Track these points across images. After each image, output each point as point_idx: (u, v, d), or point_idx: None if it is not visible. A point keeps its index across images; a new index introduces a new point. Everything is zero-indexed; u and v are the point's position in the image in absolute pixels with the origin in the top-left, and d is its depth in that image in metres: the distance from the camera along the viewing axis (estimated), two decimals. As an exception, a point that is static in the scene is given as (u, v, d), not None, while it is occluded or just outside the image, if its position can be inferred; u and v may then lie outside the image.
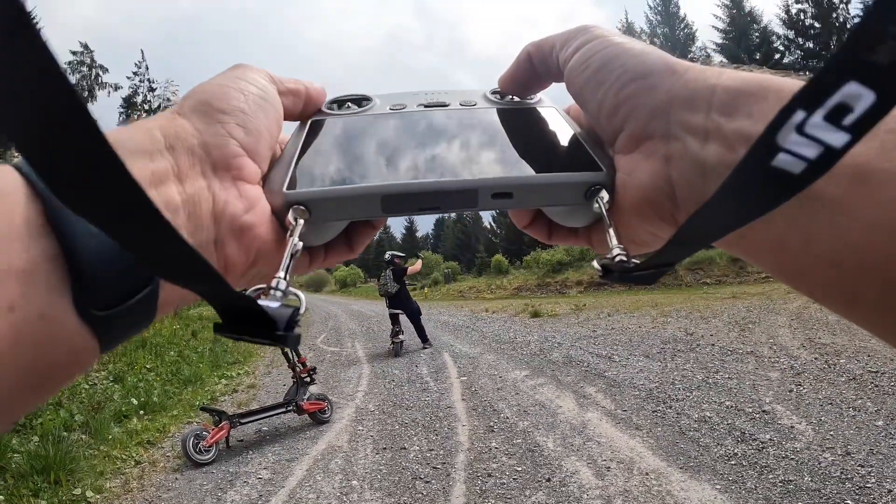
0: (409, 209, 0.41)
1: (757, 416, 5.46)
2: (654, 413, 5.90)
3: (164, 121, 0.38)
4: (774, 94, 0.32)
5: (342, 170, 0.43)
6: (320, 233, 0.45)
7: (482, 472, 4.81)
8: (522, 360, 9.47)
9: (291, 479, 5.07)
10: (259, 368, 10.82)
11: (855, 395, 5.78)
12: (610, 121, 0.41)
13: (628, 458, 4.80)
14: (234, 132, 0.40)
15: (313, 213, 0.41)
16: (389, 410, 7.00)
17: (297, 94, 0.48)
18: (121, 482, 5.36)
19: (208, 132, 0.39)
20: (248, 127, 0.41)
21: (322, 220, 0.42)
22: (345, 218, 0.44)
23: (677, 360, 8.14)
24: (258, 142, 0.42)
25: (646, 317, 12.69)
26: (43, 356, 0.28)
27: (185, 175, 0.37)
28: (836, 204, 0.28)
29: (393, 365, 10.09)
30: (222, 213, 0.38)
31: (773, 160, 0.25)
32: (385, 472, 5.03)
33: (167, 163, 0.36)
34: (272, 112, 0.44)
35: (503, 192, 0.41)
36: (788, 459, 4.46)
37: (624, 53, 0.41)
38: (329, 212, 0.41)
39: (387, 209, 0.41)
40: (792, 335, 8.89)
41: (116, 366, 9.65)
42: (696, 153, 0.35)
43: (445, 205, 0.41)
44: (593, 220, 0.46)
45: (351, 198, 0.41)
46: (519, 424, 5.95)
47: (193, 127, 0.39)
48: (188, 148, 0.38)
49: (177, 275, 0.30)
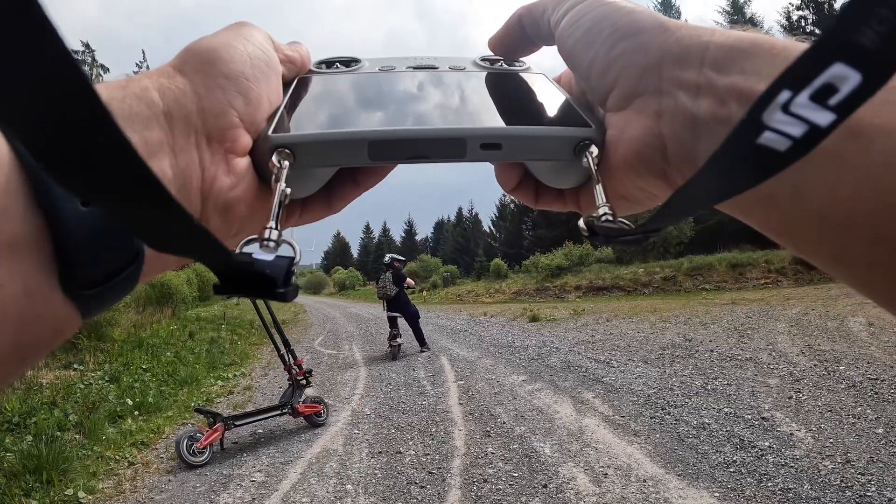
0: (397, 157, 0.41)
1: (756, 423, 5.43)
2: (652, 419, 5.87)
3: (164, 78, 0.37)
4: (766, 52, 0.32)
5: (329, 117, 0.43)
6: (302, 184, 0.43)
7: (478, 478, 4.77)
8: (520, 364, 9.45)
9: (285, 482, 5.04)
10: (256, 370, 10.78)
11: (854, 402, 5.76)
12: (601, 80, 0.41)
13: (626, 464, 4.77)
14: (235, 101, 0.39)
15: (298, 157, 0.39)
16: (386, 414, 6.97)
17: (293, 62, 0.48)
18: (113, 483, 5.32)
19: (209, 98, 0.38)
20: (250, 96, 0.40)
21: (307, 165, 0.40)
22: (331, 164, 0.43)
23: (676, 366, 8.12)
24: (257, 112, 0.40)
25: (644, 322, 12.69)
26: (27, 332, 0.28)
27: (180, 147, 0.36)
28: (826, 158, 0.28)
29: (390, 368, 10.06)
30: (210, 189, 0.37)
31: (759, 138, 0.25)
32: (380, 476, 5.00)
33: (163, 133, 0.35)
34: (273, 80, 0.43)
35: (492, 142, 0.41)
36: (788, 467, 4.43)
37: (615, 12, 0.41)
38: (314, 157, 0.40)
39: (374, 156, 0.41)
40: (791, 341, 8.88)
41: (112, 366, 9.62)
42: (688, 108, 0.35)
43: (433, 154, 0.41)
44: (582, 181, 0.45)
45: (338, 142, 0.40)
46: (516, 429, 5.92)
47: (193, 90, 0.37)
48: (185, 115, 0.36)
49: (177, 246, 0.30)
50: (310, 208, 0.47)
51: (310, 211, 0.47)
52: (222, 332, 15.59)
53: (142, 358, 10.49)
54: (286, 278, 0.32)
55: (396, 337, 11.21)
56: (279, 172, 0.38)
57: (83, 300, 0.30)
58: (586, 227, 0.38)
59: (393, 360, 10.84)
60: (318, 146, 0.40)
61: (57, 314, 0.29)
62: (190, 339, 13.58)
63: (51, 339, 0.30)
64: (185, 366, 10.45)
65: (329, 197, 0.47)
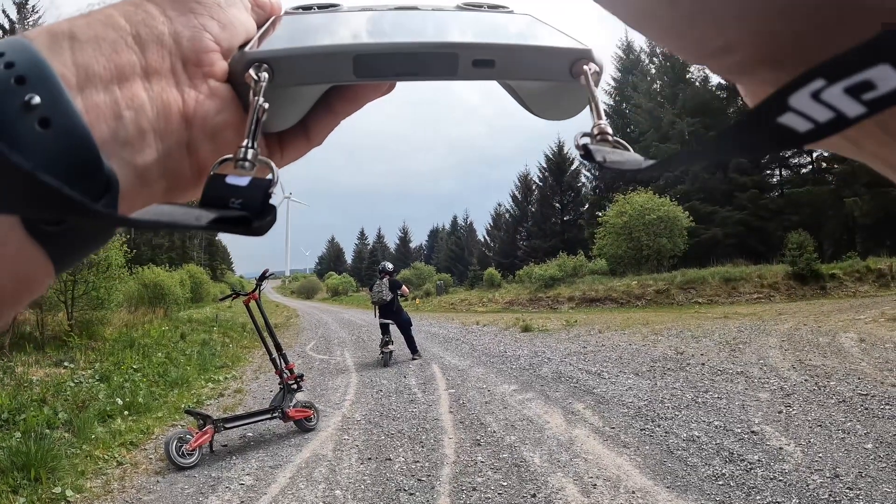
0: (384, 73, 0.39)
1: (745, 437, 5.44)
2: (642, 431, 5.87)
3: (130, 6, 0.34)
4: None
5: (311, 36, 0.40)
6: (280, 114, 0.41)
7: (467, 486, 4.76)
8: (511, 374, 9.44)
9: (274, 486, 5.01)
10: (247, 373, 10.75)
11: (844, 417, 5.78)
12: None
13: (615, 475, 4.77)
14: (209, 25, 0.37)
15: (277, 73, 0.37)
16: (376, 420, 6.95)
17: (262, 7, 0.44)
18: (102, 483, 5.29)
19: (180, 21, 0.35)
20: (223, 21, 0.38)
21: (286, 82, 0.38)
22: (313, 81, 0.40)
23: (667, 379, 8.13)
24: (232, 37, 0.38)
25: (637, 334, 12.71)
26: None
27: (153, 70, 0.33)
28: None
29: (381, 375, 10.05)
30: (193, 113, 0.35)
31: (781, 117, 0.24)
32: (369, 482, 4.98)
33: (133, 56, 0.32)
34: (246, 13, 0.41)
35: (485, 58, 0.39)
36: (776, 481, 4.44)
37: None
38: (295, 73, 0.38)
39: (359, 72, 0.38)
40: (782, 356, 8.91)
41: (103, 365, 9.59)
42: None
43: (423, 70, 0.39)
44: (575, 110, 0.44)
45: (320, 56, 0.38)
46: (506, 439, 5.91)
47: (163, 13, 0.35)
48: (157, 36, 0.34)
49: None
50: (289, 143, 0.44)
51: (289, 147, 0.44)
52: (214, 334, 15.54)
53: (133, 358, 10.45)
54: (262, 206, 0.31)
55: (388, 344, 11.20)
56: (256, 86, 0.36)
57: (49, 239, 0.28)
58: (582, 147, 0.36)
59: (384, 366, 10.83)
60: (298, 60, 0.38)
61: (20, 257, 0.27)
62: (182, 340, 13.53)
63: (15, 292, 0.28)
64: (176, 367, 10.41)
65: (307, 130, 0.44)
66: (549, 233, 44.64)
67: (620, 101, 43.60)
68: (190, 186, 0.36)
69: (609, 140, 0.35)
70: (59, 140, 0.26)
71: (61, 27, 0.31)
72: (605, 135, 0.36)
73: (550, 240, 42.94)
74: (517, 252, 46.70)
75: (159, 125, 0.33)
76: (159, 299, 19.25)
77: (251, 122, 0.35)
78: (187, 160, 0.35)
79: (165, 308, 19.16)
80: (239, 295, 7.53)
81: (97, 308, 12.62)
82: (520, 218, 49.92)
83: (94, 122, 0.29)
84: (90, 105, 0.29)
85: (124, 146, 0.31)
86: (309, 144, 0.45)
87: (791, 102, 0.24)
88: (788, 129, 0.24)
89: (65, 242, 0.28)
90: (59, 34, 0.30)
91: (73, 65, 0.29)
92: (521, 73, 0.41)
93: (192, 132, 0.35)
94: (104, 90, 0.30)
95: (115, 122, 0.30)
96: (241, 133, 0.36)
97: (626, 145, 0.35)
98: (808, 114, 0.24)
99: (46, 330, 11.33)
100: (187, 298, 24.54)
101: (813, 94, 0.23)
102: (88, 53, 0.30)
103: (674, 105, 37.64)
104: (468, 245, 63.66)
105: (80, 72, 0.30)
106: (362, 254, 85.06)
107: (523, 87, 0.45)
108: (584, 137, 0.36)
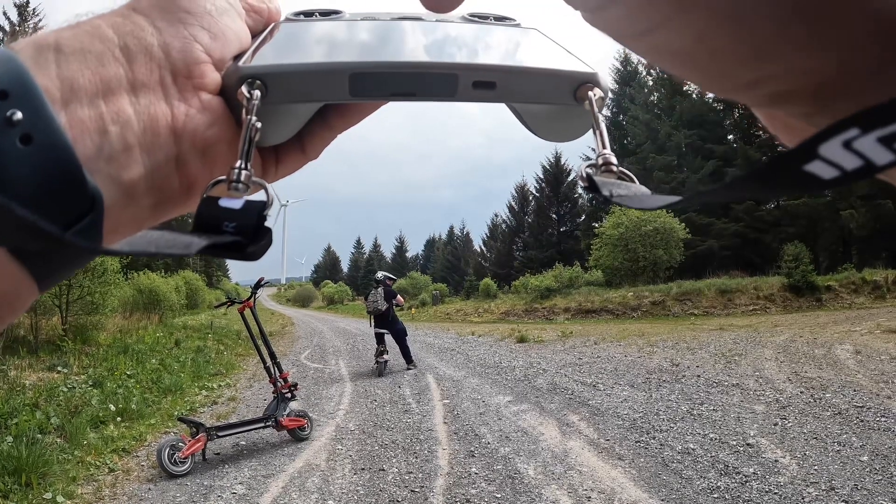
0: (381, 92, 0.38)
1: (741, 449, 5.43)
2: (637, 443, 5.85)
3: (118, 17, 0.34)
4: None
5: (306, 53, 0.39)
6: (275, 128, 0.40)
7: (461, 498, 4.74)
8: (507, 385, 9.42)
9: (266, 495, 4.98)
10: (241, 381, 10.71)
11: (840, 429, 5.77)
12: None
13: (609, 487, 4.75)
14: (200, 35, 0.36)
15: (270, 89, 0.36)
16: (370, 430, 6.92)
17: (259, 13, 0.43)
18: (93, 489, 5.25)
19: (170, 31, 0.35)
20: (215, 31, 0.37)
21: (280, 100, 0.37)
22: (306, 99, 0.38)
23: (662, 391, 8.12)
24: (224, 48, 0.37)
25: (632, 346, 12.70)
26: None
27: (141, 83, 0.32)
28: None
29: (376, 384, 10.02)
30: (183, 127, 0.34)
31: (807, 165, 0.24)
32: (362, 493, 4.95)
33: (120, 69, 0.32)
34: (240, 22, 0.40)
35: (486, 80, 0.38)
36: (772, 493, 4.42)
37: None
38: (289, 90, 0.37)
39: (355, 91, 0.37)
40: (778, 368, 8.91)
41: (97, 370, 9.54)
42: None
43: (422, 90, 0.38)
44: (578, 134, 0.42)
45: (315, 73, 0.37)
46: (500, 450, 5.89)
47: (152, 25, 0.34)
48: (145, 48, 0.33)
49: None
50: (285, 157, 0.43)
51: (285, 160, 0.43)
52: (209, 341, 15.47)
53: (127, 364, 10.39)
54: (257, 229, 0.30)
55: (383, 353, 11.17)
56: (249, 105, 0.35)
57: (31, 259, 0.27)
58: (586, 178, 0.34)
59: (379, 376, 10.81)
60: (292, 77, 0.37)
61: (0, 274, 0.27)
62: (176, 346, 13.48)
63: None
64: (170, 374, 10.36)
65: (302, 144, 0.44)
66: (546, 243, 44.68)
67: (617, 113, 43.75)
68: (179, 201, 0.36)
69: (614, 171, 0.34)
70: (40, 157, 0.26)
71: (47, 39, 0.30)
72: (610, 165, 0.35)
73: (547, 250, 42.97)
74: (513, 262, 46.71)
75: (146, 140, 0.32)
76: (154, 305, 19.20)
77: (244, 142, 0.34)
78: (176, 175, 0.34)
79: (160, 314, 19.11)
80: (234, 302, 7.52)
81: (92, 313, 12.56)
82: (516, 228, 49.97)
83: (79, 138, 0.28)
84: (74, 120, 0.29)
85: (109, 162, 0.30)
86: (305, 158, 0.44)
87: (821, 151, 0.23)
88: (813, 176, 0.24)
89: (47, 262, 0.28)
90: (44, 46, 0.30)
91: (58, 78, 0.29)
92: (522, 97, 0.40)
93: (182, 146, 0.34)
94: (89, 104, 0.30)
95: (100, 138, 0.30)
96: (234, 147, 0.35)
97: (631, 176, 0.34)
98: (837, 162, 0.23)
99: (40, 334, 11.27)
100: (182, 305, 24.51)
101: (845, 142, 0.22)
102: (74, 67, 0.30)
103: (670, 117, 37.81)
104: (464, 255, 63.63)
105: (65, 85, 0.29)
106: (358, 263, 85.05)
107: (526, 107, 0.44)
108: (589, 168, 0.35)
